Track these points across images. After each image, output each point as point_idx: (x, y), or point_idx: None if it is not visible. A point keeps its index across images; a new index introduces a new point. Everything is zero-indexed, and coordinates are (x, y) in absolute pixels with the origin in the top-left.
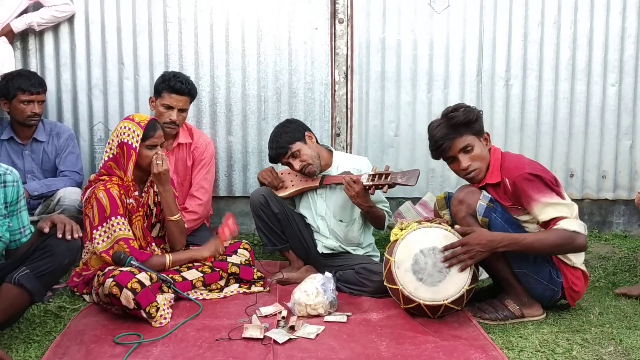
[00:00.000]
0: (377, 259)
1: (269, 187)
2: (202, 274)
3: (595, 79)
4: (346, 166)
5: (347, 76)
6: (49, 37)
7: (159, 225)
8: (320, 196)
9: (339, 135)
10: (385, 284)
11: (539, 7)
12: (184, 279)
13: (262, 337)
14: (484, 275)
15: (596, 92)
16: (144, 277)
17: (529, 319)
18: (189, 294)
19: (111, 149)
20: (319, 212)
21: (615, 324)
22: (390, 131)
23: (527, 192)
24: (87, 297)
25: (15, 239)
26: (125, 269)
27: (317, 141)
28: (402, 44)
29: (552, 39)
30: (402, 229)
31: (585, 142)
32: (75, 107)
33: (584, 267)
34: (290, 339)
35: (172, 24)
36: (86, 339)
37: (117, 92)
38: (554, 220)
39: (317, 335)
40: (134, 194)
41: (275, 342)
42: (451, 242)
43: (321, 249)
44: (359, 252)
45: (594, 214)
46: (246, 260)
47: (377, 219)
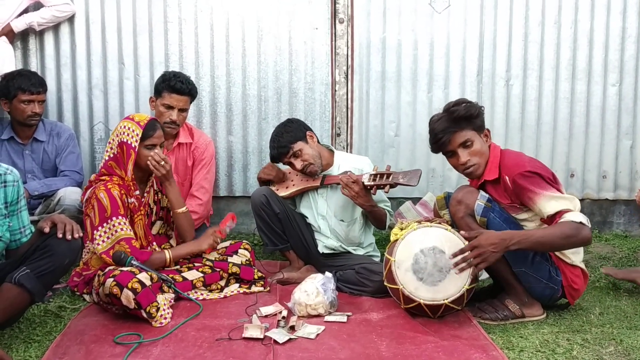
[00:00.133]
0: (378, 259)
1: (274, 181)
2: (202, 274)
3: (595, 79)
4: (347, 166)
5: (347, 76)
6: (49, 37)
7: (158, 223)
8: (321, 196)
9: (339, 135)
10: (385, 283)
11: (540, 7)
12: (185, 279)
13: (262, 337)
14: (484, 275)
15: (597, 92)
16: (144, 277)
17: (529, 319)
18: (189, 294)
19: (112, 149)
20: (320, 211)
21: (615, 324)
22: (390, 131)
23: (528, 187)
24: (87, 297)
25: (15, 238)
26: (125, 269)
27: (318, 141)
28: (403, 44)
29: (552, 39)
30: (402, 229)
31: (585, 142)
32: (75, 107)
33: (583, 265)
34: (290, 339)
35: (172, 23)
36: (86, 339)
37: (117, 92)
38: (560, 213)
39: (318, 335)
40: (135, 193)
41: (275, 342)
42: (451, 242)
43: (322, 249)
44: (360, 252)
45: (594, 214)
46: (247, 260)
47: (378, 219)
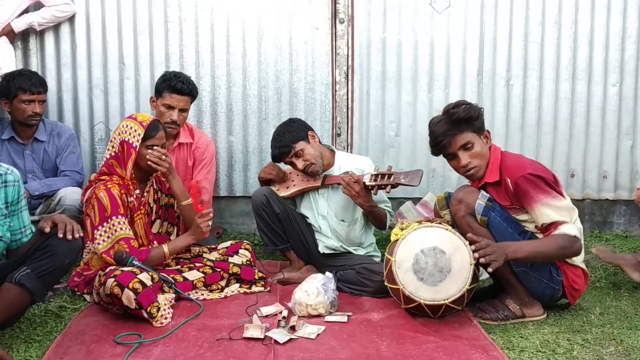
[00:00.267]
0: (378, 259)
1: (275, 180)
2: (203, 275)
3: (596, 79)
4: (348, 166)
5: (347, 76)
6: (49, 37)
7: (158, 221)
8: (322, 196)
9: (339, 135)
10: (386, 283)
11: (540, 7)
12: (185, 279)
13: (262, 337)
14: (484, 275)
15: (597, 92)
16: (145, 277)
17: (529, 319)
18: (189, 294)
19: (113, 147)
20: (321, 212)
21: (616, 324)
22: (391, 131)
23: (529, 192)
24: (87, 297)
25: (16, 238)
26: (126, 269)
27: (319, 141)
28: (403, 44)
29: (552, 39)
30: (402, 229)
31: (586, 142)
32: (76, 106)
33: (583, 266)
34: (290, 339)
35: (172, 23)
36: (87, 339)
37: (117, 92)
38: (554, 224)
39: (318, 335)
40: (135, 192)
41: (276, 342)
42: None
43: (322, 249)
44: (360, 252)
45: (594, 214)
46: (247, 260)
47: (379, 219)
